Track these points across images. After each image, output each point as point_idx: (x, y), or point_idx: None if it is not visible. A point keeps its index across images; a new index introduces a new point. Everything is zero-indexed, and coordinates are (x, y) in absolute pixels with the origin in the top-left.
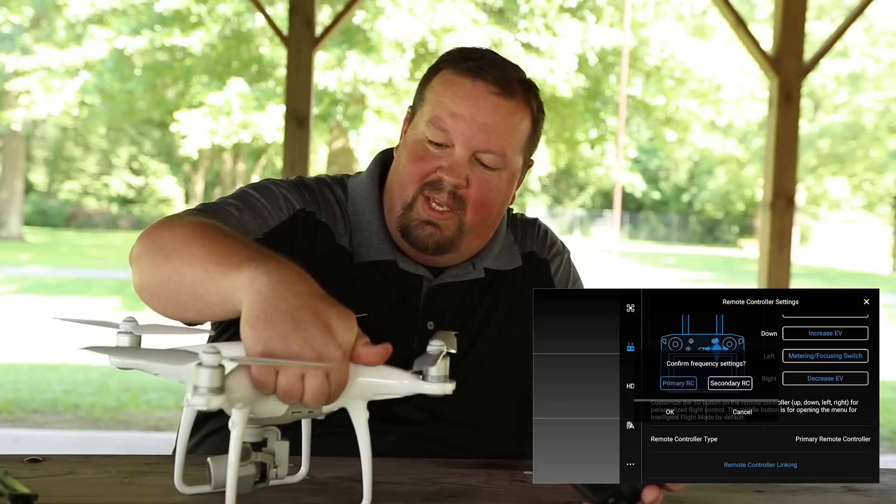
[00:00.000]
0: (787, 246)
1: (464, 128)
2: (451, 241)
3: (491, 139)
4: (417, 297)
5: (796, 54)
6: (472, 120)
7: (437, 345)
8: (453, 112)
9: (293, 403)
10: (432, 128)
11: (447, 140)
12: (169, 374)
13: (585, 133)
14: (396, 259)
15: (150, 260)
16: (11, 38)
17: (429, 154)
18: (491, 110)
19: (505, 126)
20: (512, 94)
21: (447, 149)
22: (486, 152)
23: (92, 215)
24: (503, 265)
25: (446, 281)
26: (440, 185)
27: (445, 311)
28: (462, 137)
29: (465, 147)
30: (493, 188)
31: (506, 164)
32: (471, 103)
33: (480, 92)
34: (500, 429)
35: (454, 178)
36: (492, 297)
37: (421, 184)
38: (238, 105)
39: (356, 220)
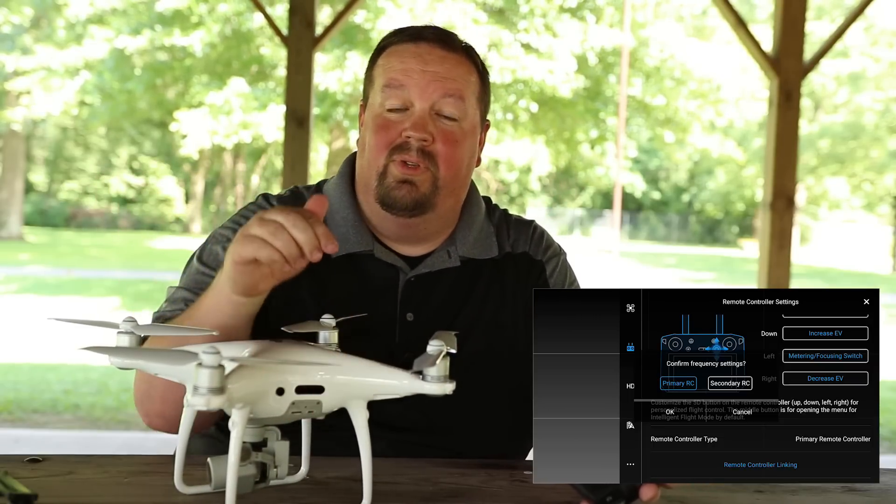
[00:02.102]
0: (787, 246)
1: (417, 79)
2: (427, 198)
3: (446, 84)
4: (395, 289)
5: (796, 54)
6: (423, 72)
7: (436, 345)
8: (404, 70)
9: (293, 403)
10: (388, 92)
11: (405, 100)
12: (169, 374)
13: (585, 133)
14: (374, 249)
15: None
16: (11, 38)
17: (390, 121)
18: (439, 62)
19: (456, 73)
20: (455, 49)
21: (406, 111)
22: (444, 98)
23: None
24: (480, 253)
25: (423, 272)
26: (407, 145)
27: (424, 303)
28: (417, 90)
29: (424, 100)
30: (459, 139)
31: (465, 112)
32: (418, 59)
33: (425, 49)
34: (491, 423)
35: (419, 132)
36: (471, 288)
37: (389, 150)
38: (238, 105)
39: (331, 219)
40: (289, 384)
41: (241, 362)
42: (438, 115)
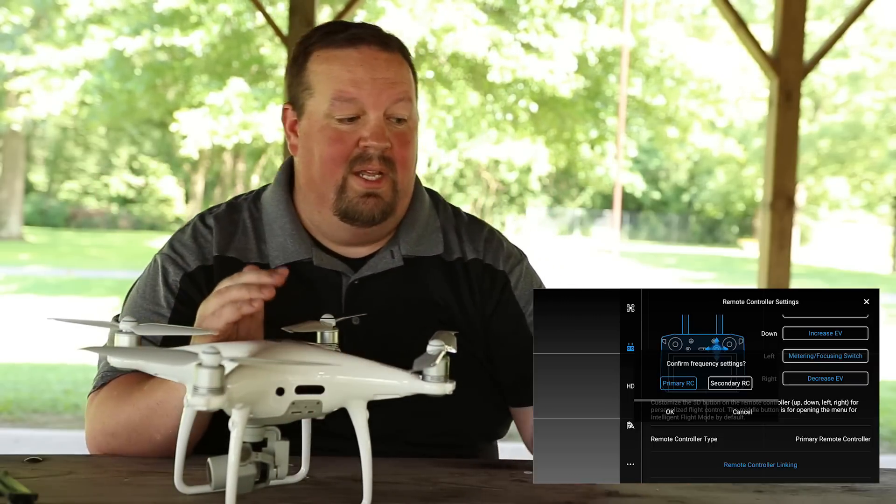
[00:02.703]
0: (787, 246)
1: (370, 89)
2: (391, 207)
3: (396, 89)
4: (338, 294)
5: (796, 54)
6: (373, 80)
7: (436, 345)
8: (353, 80)
9: (293, 403)
10: (338, 104)
11: (357, 110)
12: (169, 374)
13: (585, 133)
14: (312, 257)
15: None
16: (11, 38)
17: (344, 133)
18: (384, 66)
19: (401, 75)
20: (392, 49)
21: (357, 120)
22: (396, 102)
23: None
24: (425, 251)
25: (366, 274)
26: (367, 155)
27: (369, 306)
28: (371, 100)
29: (378, 108)
30: (410, 140)
31: (412, 113)
32: (365, 66)
33: (368, 55)
34: (445, 424)
35: (380, 141)
36: (417, 288)
37: (347, 162)
38: (238, 105)
39: (269, 229)
40: (289, 384)
41: (241, 362)
42: (390, 119)
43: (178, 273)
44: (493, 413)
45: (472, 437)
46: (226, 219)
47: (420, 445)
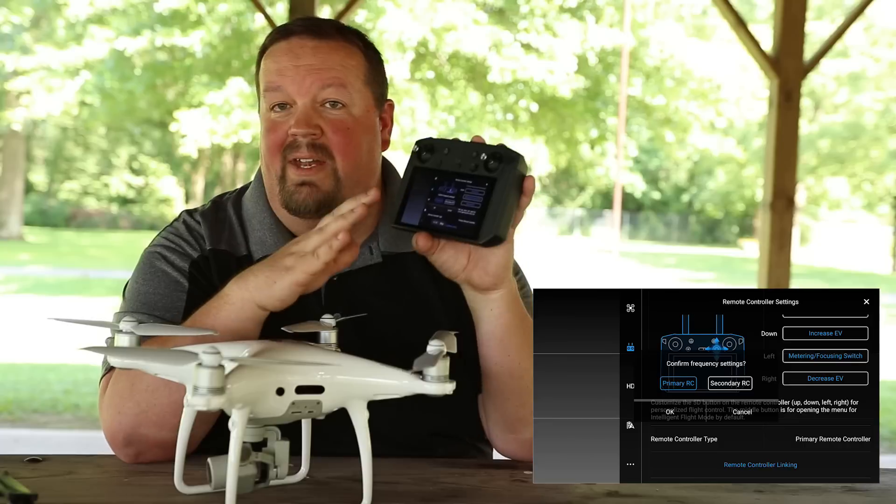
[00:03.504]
0: (787, 246)
1: (293, 76)
2: (330, 196)
3: (322, 74)
4: (318, 291)
5: (796, 54)
6: (296, 68)
7: (436, 345)
8: (278, 69)
9: (293, 403)
10: (269, 94)
11: (286, 98)
12: (169, 374)
13: (585, 133)
14: None
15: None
16: (11, 38)
17: (277, 122)
18: (311, 54)
19: (331, 61)
20: (327, 37)
21: (290, 108)
22: (323, 88)
23: (92, 215)
24: (404, 246)
25: (344, 271)
26: (297, 143)
27: (350, 303)
28: (295, 86)
29: (303, 94)
30: (350, 126)
31: (351, 98)
32: (290, 55)
33: (296, 44)
34: (426, 422)
35: (304, 127)
36: (396, 284)
37: (281, 151)
38: (238, 105)
39: (250, 224)
40: (289, 384)
41: (241, 362)
42: (324, 106)
43: (185, 260)
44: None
45: (461, 435)
46: (212, 216)
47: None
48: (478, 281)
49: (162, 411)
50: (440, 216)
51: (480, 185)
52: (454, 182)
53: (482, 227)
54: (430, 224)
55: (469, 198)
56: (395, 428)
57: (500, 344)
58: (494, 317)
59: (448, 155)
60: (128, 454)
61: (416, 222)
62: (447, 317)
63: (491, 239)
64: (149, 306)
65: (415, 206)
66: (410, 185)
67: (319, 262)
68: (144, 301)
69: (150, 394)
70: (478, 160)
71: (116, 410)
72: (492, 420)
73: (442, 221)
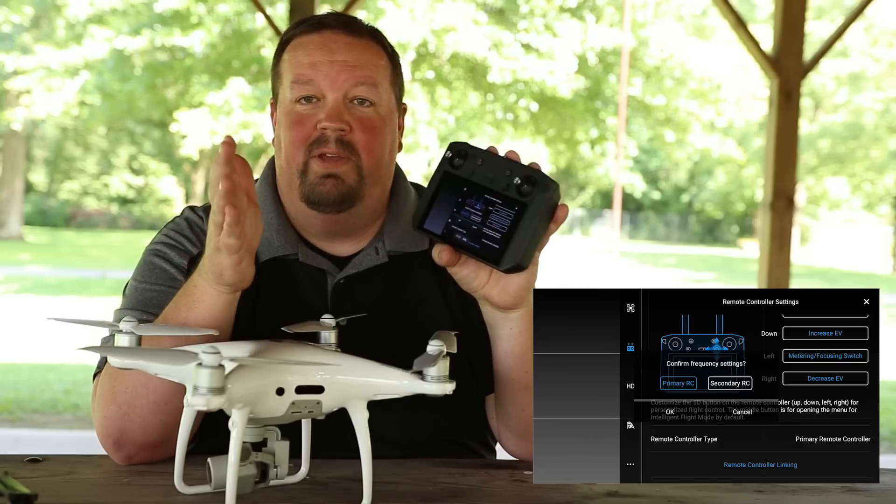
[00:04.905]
0: (787, 246)
1: (326, 70)
2: (354, 191)
3: (356, 72)
4: (324, 293)
5: (796, 54)
6: (331, 62)
7: (436, 345)
8: (311, 63)
9: (293, 403)
10: (297, 86)
11: (315, 91)
12: (169, 374)
13: (585, 133)
14: (298, 253)
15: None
16: (11, 37)
17: (304, 115)
18: (345, 49)
19: (364, 59)
20: (360, 34)
21: (318, 102)
22: (356, 86)
23: (92, 215)
24: (410, 246)
25: (351, 272)
26: (325, 138)
27: (356, 305)
28: (328, 81)
29: (335, 89)
30: (377, 125)
31: (380, 98)
32: (324, 49)
33: (329, 38)
34: (430, 424)
35: (336, 122)
36: (403, 285)
37: (307, 145)
38: (238, 105)
39: None
40: (289, 384)
41: (241, 362)
42: (353, 103)
43: (184, 256)
44: (483, 411)
45: (462, 436)
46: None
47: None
48: (497, 300)
49: (143, 412)
50: (464, 231)
51: (510, 208)
52: (483, 198)
53: (506, 253)
54: (453, 237)
55: (496, 218)
56: (398, 431)
57: (518, 361)
58: (514, 335)
59: (481, 166)
60: (120, 457)
61: (439, 231)
62: (453, 317)
63: (513, 267)
64: (145, 303)
65: (440, 213)
66: (438, 190)
67: (223, 231)
68: (141, 298)
69: (128, 395)
70: (511, 181)
71: (102, 414)
72: (503, 425)
73: (465, 237)
